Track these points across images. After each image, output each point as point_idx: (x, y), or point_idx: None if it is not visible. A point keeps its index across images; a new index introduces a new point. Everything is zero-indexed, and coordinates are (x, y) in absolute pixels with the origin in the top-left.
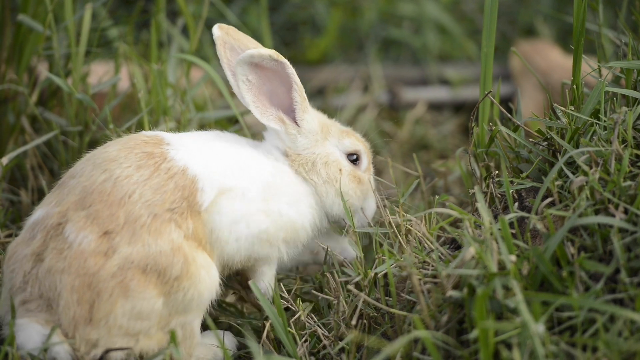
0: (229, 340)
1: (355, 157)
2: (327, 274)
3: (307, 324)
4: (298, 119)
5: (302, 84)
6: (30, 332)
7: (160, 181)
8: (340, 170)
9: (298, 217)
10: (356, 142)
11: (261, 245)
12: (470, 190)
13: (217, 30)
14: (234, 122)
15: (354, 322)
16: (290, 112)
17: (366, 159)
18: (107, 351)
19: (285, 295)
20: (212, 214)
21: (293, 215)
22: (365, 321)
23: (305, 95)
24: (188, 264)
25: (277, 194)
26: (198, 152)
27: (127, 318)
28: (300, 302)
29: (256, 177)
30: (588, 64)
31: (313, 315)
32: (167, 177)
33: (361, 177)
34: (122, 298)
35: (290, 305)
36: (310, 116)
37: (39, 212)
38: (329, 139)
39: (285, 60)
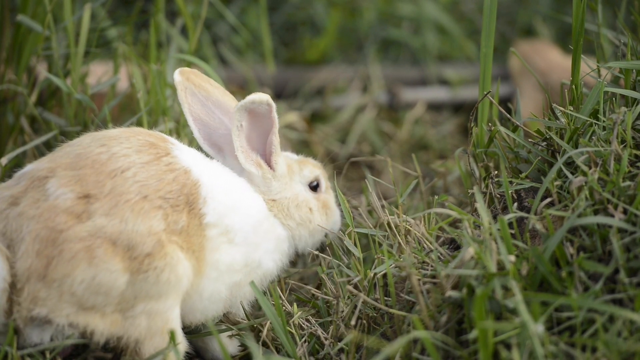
0: (232, 344)
1: (315, 183)
2: (326, 275)
3: (305, 325)
4: (273, 162)
5: (302, 84)
6: None
7: (159, 169)
8: (310, 209)
9: (273, 265)
10: (313, 169)
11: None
12: (469, 191)
13: (178, 75)
14: None
15: (353, 322)
16: (263, 155)
17: (323, 181)
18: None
19: (283, 298)
20: (212, 246)
21: (270, 265)
22: (364, 321)
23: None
24: (162, 245)
25: (264, 239)
26: (202, 162)
27: (84, 287)
28: (296, 306)
29: (251, 214)
30: (587, 64)
31: (311, 317)
32: (167, 169)
33: (325, 201)
34: (84, 263)
35: (285, 309)
36: (281, 159)
37: (29, 166)
38: (293, 178)
39: (274, 104)
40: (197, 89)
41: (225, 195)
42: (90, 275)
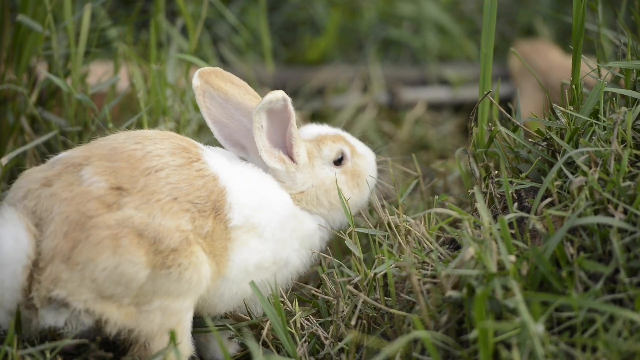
0: (231, 345)
1: (340, 157)
2: (326, 274)
3: (305, 325)
4: (295, 154)
5: (302, 84)
6: (12, 227)
7: (190, 174)
8: (339, 189)
9: (300, 262)
10: (332, 145)
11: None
12: (469, 191)
13: (197, 79)
14: None
15: (353, 322)
16: (283, 148)
17: (347, 148)
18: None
19: (284, 297)
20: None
21: (297, 263)
22: (364, 321)
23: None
24: (189, 242)
25: (291, 237)
26: (229, 166)
27: (105, 275)
28: (297, 304)
29: (277, 210)
30: (587, 64)
31: (312, 316)
32: (198, 175)
33: (354, 170)
34: (109, 251)
35: (287, 308)
36: (302, 149)
37: (63, 153)
38: (315, 163)
39: (289, 98)
40: (215, 91)
41: (251, 196)
42: (113, 264)
